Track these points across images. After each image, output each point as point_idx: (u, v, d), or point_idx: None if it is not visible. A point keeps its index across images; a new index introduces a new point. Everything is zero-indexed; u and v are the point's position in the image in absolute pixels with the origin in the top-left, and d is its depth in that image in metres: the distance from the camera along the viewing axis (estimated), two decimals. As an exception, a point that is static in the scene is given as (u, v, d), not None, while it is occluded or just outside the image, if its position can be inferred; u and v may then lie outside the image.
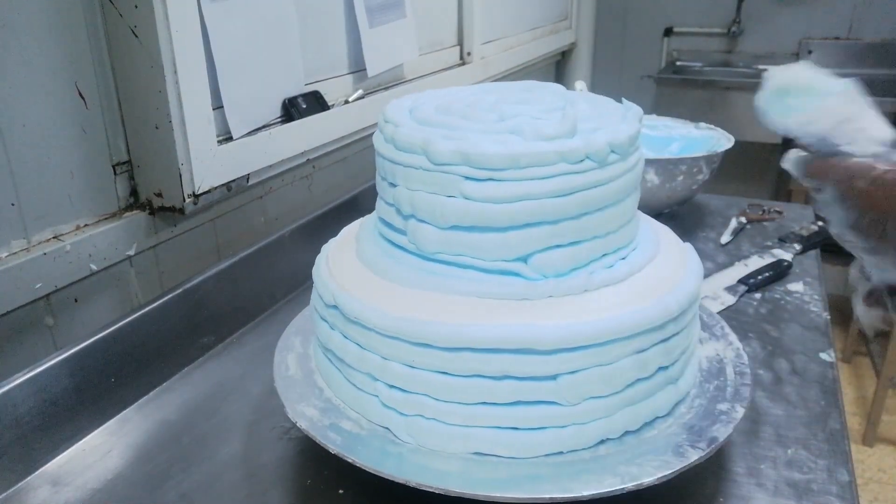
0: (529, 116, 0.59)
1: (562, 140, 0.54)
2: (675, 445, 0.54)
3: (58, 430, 0.67)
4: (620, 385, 0.55)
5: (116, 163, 0.83)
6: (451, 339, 0.52)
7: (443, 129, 0.57)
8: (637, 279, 0.59)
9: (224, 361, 0.83)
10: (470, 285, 0.56)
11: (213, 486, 0.62)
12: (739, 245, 1.10)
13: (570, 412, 0.54)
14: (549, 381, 0.53)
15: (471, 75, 1.70)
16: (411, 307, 0.55)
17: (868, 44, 2.53)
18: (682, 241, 0.67)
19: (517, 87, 0.70)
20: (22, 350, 0.73)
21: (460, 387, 0.54)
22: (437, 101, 0.64)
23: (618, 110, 0.63)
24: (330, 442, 0.55)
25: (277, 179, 1.08)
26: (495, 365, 0.52)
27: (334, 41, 1.19)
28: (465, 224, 0.55)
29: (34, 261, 0.72)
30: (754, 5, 2.65)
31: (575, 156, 0.54)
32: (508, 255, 0.55)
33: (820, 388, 0.73)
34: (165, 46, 0.78)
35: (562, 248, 0.56)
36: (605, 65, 2.89)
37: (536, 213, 0.54)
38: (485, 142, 0.54)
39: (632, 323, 0.53)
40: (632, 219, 0.62)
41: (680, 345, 0.59)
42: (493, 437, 0.54)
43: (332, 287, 0.59)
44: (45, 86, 0.74)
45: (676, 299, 0.56)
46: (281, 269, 0.97)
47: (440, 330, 0.52)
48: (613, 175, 0.56)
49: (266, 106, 1.02)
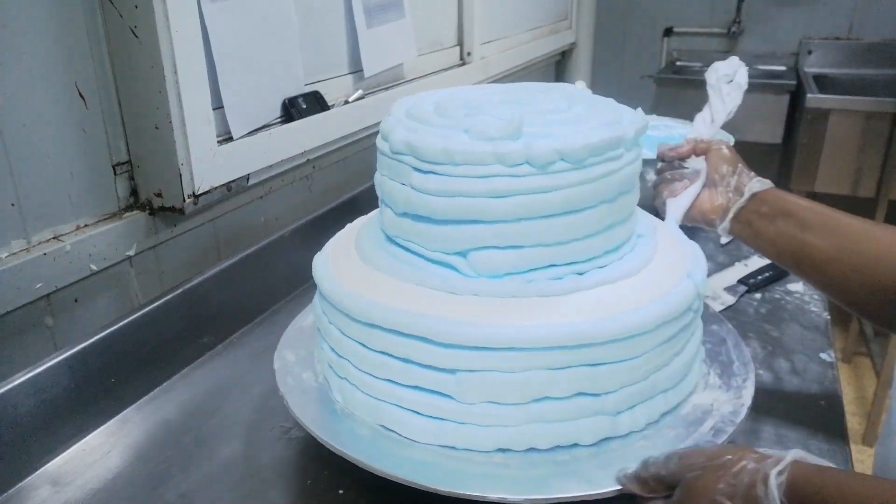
0: (494, 116, 0.58)
1: (502, 142, 0.54)
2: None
3: (58, 430, 0.67)
4: (524, 398, 0.54)
5: (116, 163, 0.83)
6: (367, 315, 0.56)
7: (419, 124, 0.60)
8: (592, 295, 0.56)
9: (224, 361, 0.83)
10: (413, 272, 0.59)
11: (213, 486, 0.62)
12: (739, 245, 1.10)
13: (466, 410, 0.55)
14: (448, 375, 0.54)
15: (471, 75, 1.70)
16: (356, 282, 0.60)
17: (868, 44, 2.53)
18: (688, 256, 0.63)
19: (532, 87, 0.70)
20: (22, 350, 0.73)
21: (372, 360, 0.57)
22: (438, 99, 0.66)
23: (611, 115, 0.60)
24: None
25: (277, 179, 1.08)
26: (401, 348, 0.55)
27: (334, 41, 1.19)
28: (411, 212, 0.58)
29: (34, 261, 0.72)
30: (754, 5, 2.64)
31: (512, 159, 0.54)
32: (447, 248, 0.58)
33: (820, 388, 0.73)
34: (165, 46, 0.78)
35: (500, 250, 0.56)
36: (605, 65, 2.88)
37: (471, 211, 0.55)
38: (431, 136, 0.56)
39: (531, 338, 0.52)
40: (604, 230, 0.58)
41: (617, 376, 0.55)
42: (397, 415, 0.57)
43: (320, 260, 0.65)
44: (45, 86, 0.74)
45: (602, 327, 0.53)
46: (281, 269, 0.97)
47: (359, 304, 0.57)
48: (562, 183, 0.55)
49: (266, 106, 1.02)
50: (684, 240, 0.67)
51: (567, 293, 0.56)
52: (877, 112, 2.11)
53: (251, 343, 0.87)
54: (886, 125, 2.11)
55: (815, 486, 0.42)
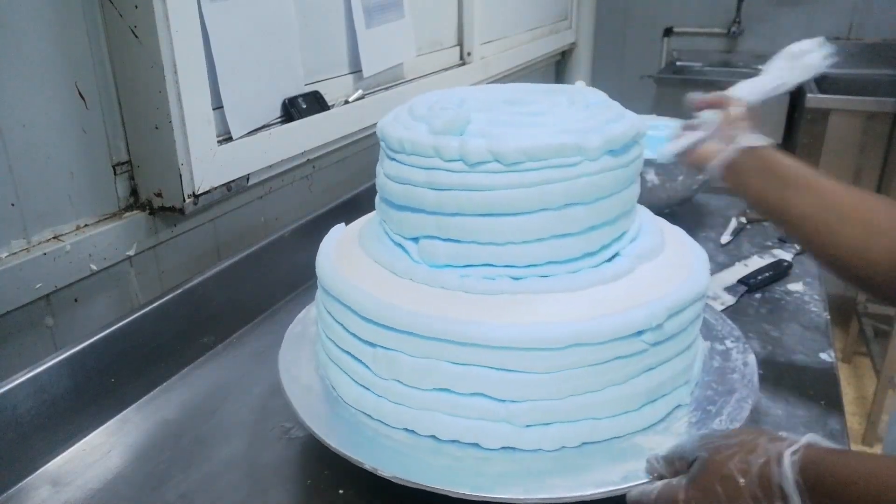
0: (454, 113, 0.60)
1: (445, 136, 0.56)
2: None
3: (58, 430, 0.67)
4: (426, 384, 0.55)
5: (116, 163, 0.83)
6: (323, 282, 0.63)
7: (408, 116, 0.63)
8: (520, 301, 0.55)
9: (224, 361, 0.83)
10: (383, 254, 0.63)
11: (213, 486, 0.62)
12: (739, 245, 1.10)
13: (380, 384, 0.58)
14: (367, 347, 0.58)
15: (471, 75, 1.70)
16: (341, 258, 0.65)
17: (868, 44, 2.53)
18: (675, 291, 0.57)
19: (539, 89, 0.70)
20: (22, 350, 0.73)
21: (326, 321, 0.63)
22: (444, 96, 0.67)
23: (588, 123, 0.58)
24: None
25: (277, 179, 1.08)
26: (338, 314, 0.60)
27: (334, 41, 1.19)
28: (382, 195, 0.64)
29: (34, 261, 0.72)
30: (754, 5, 2.64)
31: (448, 153, 0.56)
32: (404, 233, 0.61)
33: (820, 388, 0.73)
34: (165, 46, 0.78)
35: (441, 241, 0.58)
36: (605, 65, 2.88)
37: (415, 199, 0.58)
38: (398, 127, 0.60)
39: (433, 328, 0.53)
40: (547, 239, 0.57)
41: (523, 387, 0.53)
42: (336, 376, 0.62)
43: (323, 248, 0.69)
44: (45, 86, 0.74)
45: (503, 333, 0.52)
46: (281, 269, 0.97)
47: (323, 272, 0.63)
48: (495, 184, 0.54)
49: (266, 106, 1.02)
50: (692, 264, 0.62)
51: (497, 294, 0.56)
52: (877, 112, 2.11)
53: (251, 343, 0.87)
54: (886, 125, 2.11)
55: (828, 465, 0.42)
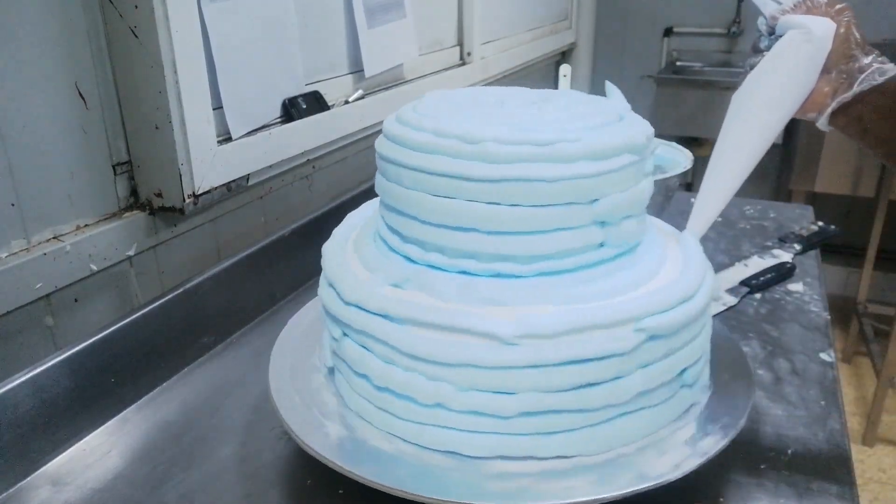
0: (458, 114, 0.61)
1: (421, 133, 0.57)
2: None
3: (58, 430, 0.67)
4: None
5: (116, 163, 0.83)
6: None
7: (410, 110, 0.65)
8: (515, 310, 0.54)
9: (224, 361, 0.83)
10: (369, 240, 0.65)
11: (213, 486, 0.62)
12: (739, 245, 1.10)
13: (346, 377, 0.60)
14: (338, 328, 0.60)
15: (471, 75, 1.70)
16: (341, 247, 0.67)
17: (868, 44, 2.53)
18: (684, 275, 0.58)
19: (533, 94, 0.69)
20: (22, 350, 0.73)
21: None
22: (445, 97, 0.67)
23: (568, 117, 0.59)
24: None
25: (277, 179, 1.08)
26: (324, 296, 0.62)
27: (334, 41, 1.19)
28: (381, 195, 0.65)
29: (34, 261, 0.72)
30: (754, 5, 2.64)
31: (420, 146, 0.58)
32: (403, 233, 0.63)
33: (820, 388, 0.73)
34: (165, 46, 0.78)
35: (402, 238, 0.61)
36: (605, 65, 2.88)
37: (388, 195, 0.61)
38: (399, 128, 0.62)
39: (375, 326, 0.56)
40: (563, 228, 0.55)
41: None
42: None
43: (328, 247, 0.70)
44: (45, 86, 0.74)
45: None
46: (281, 269, 0.97)
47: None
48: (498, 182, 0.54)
49: (266, 106, 1.02)
50: (691, 264, 0.61)
51: (495, 298, 0.55)
52: (877, 112, 2.10)
53: (251, 343, 0.87)
54: (886, 125, 2.10)
55: None
